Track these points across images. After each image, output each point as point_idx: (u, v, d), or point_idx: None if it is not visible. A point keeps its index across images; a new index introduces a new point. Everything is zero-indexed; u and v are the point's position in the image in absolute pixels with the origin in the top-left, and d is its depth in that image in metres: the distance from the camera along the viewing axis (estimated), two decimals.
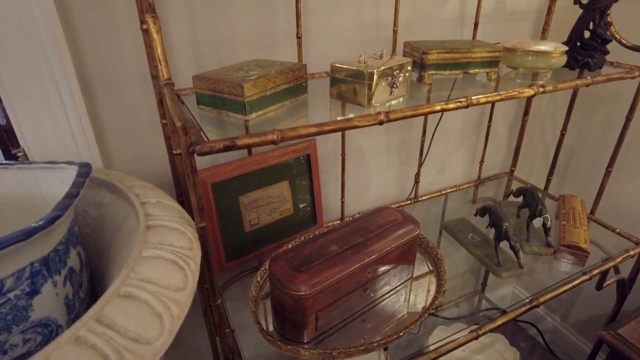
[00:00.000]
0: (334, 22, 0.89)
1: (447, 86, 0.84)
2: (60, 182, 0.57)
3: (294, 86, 0.69)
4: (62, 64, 0.67)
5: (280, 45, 0.85)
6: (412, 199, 1.21)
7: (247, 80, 0.60)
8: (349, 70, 0.67)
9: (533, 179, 1.41)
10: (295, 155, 0.95)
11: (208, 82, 0.62)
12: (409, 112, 0.64)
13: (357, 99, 0.68)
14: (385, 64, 0.69)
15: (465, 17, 1.04)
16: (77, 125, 0.73)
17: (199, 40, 0.78)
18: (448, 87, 0.84)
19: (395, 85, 0.69)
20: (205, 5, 0.75)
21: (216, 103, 0.63)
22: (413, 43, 0.84)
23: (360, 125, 0.60)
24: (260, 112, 0.63)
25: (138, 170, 0.83)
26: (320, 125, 0.57)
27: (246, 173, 0.88)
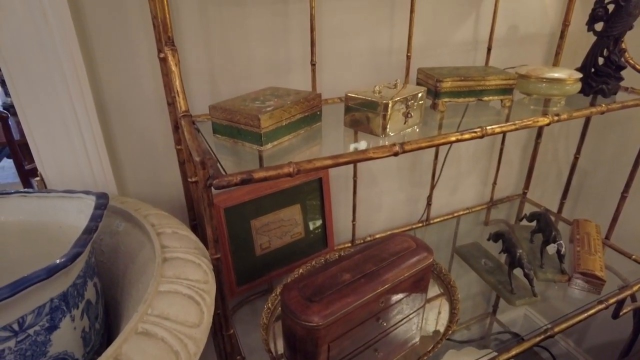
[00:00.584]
0: (347, 48, 0.89)
1: (460, 111, 0.84)
2: (77, 211, 0.57)
3: (308, 115, 0.69)
4: (81, 91, 0.69)
5: (295, 71, 0.86)
6: (424, 221, 1.20)
7: (263, 112, 0.60)
8: (364, 100, 0.67)
9: (545, 201, 1.39)
10: (308, 179, 0.95)
11: (225, 113, 0.63)
12: (423, 143, 0.64)
13: (372, 128, 0.68)
14: (399, 93, 0.69)
15: (478, 42, 1.05)
16: (93, 152, 0.74)
17: (215, 68, 0.79)
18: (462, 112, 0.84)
19: (410, 115, 0.69)
20: (222, 34, 0.76)
21: (232, 133, 0.64)
22: (427, 70, 0.84)
23: (375, 157, 0.60)
24: (275, 142, 0.64)
25: (151, 194, 0.84)
26: (336, 158, 0.57)
27: (258, 197, 0.88)
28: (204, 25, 0.75)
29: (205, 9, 0.74)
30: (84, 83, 0.68)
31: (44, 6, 0.62)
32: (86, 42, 0.68)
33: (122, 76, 0.73)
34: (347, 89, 0.92)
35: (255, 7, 0.77)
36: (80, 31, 0.67)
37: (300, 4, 0.80)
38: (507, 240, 0.96)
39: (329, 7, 0.83)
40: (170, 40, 0.56)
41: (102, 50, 0.70)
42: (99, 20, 0.67)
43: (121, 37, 0.70)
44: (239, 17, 0.77)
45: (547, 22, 1.14)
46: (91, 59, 0.69)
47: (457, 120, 0.82)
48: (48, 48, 0.64)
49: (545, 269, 0.99)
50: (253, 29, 0.79)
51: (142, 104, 0.76)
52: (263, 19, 0.79)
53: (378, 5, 0.89)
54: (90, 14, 0.67)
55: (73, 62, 0.66)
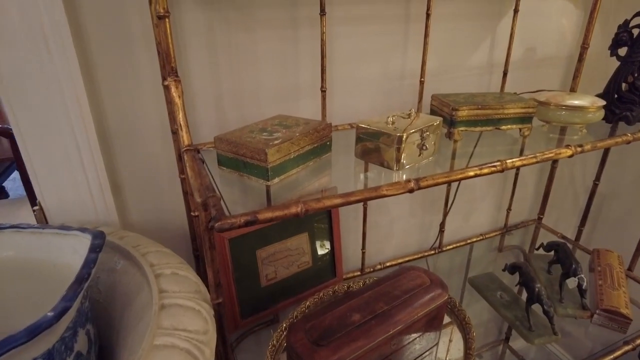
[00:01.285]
0: (358, 73, 0.86)
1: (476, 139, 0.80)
2: (72, 251, 0.54)
3: (318, 146, 0.66)
4: (82, 119, 0.66)
5: (304, 97, 0.83)
6: (437, 248, 1.16)
7: (270, 146, 0.57)
8: (377, 132, 0.64)
9: (561, 227, 1.34)
10: None
11: (230, 145, 0.60)
12: (440, 178, 0.60)
13: (384, 160, 0.65)
14: (414, 124, 0.65)
15: (493, 65, 1.01)
16: (94, 180, 0.71)
17: (222, 94, 0.76)
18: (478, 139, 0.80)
19: (425, 147, 0.66)
20: (229, 59, 0.74)
21: (238, 166, 0.61)
22: (441, 97, 0.81)
23: (389, 194, 0.57)
24: (283, 175, 0.60)
25: (155, 222, 0.81)
26: (346, 196, 0.54)
27: (265, 227, 0.84)
28: (212, 50, 0.73)
29: (213, 34, 0.72)
30: (85, 111, 0.66)
31: (46, 36, 0.60)
32: (89, 69, 0.66)
33: (125, 103, 0.70)
34: (358, 114, 0.90)
35: (265, 32, 0.75)
36: (83, 58, 0.64)
37: (310, 30, 0.78)
38: (524, 273, 0.91)
39: (340, 32, 0.81)
40: (174, 71, 0.54)
41: (106, 77, 0.67)
42: (103, 47, 0.65)
43: (125, 64, 0.67)
44: (247, 43, 0.74)
45: (565, 44, 1.10)
46: (94, 85, 0.67)
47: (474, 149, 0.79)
48: (49, 76, 0.62)
49: (565, 303, 0.94)
50: (262, 55, 0.76)
51: (145, 131, 0.73)
52: (272, 45, 0.76)
53: (391, 31, 0.86)
54: (94, 41, 0.64)
55: (74, 89, 0.64)
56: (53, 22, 0.59)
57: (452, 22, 0.92)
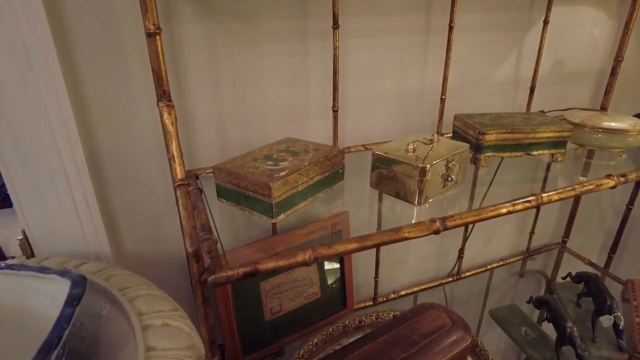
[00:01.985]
0: (373, 90, 0.79)
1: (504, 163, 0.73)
2: (50, 297, 0.48)
3: (329, 175, 0.59)
4: (70, 142, 0.60)
5: (314, 117, 0.76)
6: (455, 275, 1.08)
7: (275, 178, 0.50)
8: (396, 162, 0.56)
9: (587, 250, 1.26)
10: (325, 232, 0.84)
11: (230, 176, 0.53)
12: (469, 217, 0.53)
13: (404, 194, 0.58)
14: (437, 151, 0.58)
15: (519, 81, 0.93)
16: (83, 208, 0.65)
17: (224, 113, 0.69)
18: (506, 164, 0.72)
19: (450, 178, 0.58)
20: (233, 76, 0.67)
21: (239, 199, 0.54)
22: (465, 117, 0.73)
23: (411, 237, 0.49)
24: (289, 211, 0.54)
25: (151, 252, 0.74)
26: (362, 240, 0.47)
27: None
28: (213, 65, 0.66)
29: (215, 48, 0.65)
30: (72, 131, 0.60)
31: (27, 50, 0.54)
32: (77, 86, 0.59)
33: (118, 124, 0.64)
34: (373, 135, 0.83)
35: (271, 46, 0.68)
36: (70, 74, 0.58)
37: (321, 43, 0.71)
38: (553, 309, 0.83)
39: (353, 46, 0.74)
40: (166, 95, 0.47)
41: (96, 94, 0.61)
42: (93, 62, 0.59)
43: (118, 80, 0.61)
44: (252, 58, 0.68)
45: (597, 57, 1.02)
46: (82, 103, 0.61)
47: (501, 176, 0.71)
48: (31, 93, 0.56)
49: (599, 343, 0.86)
50: (268, 70, 0.70)
51: (140, 153, 0.67)
52: (280, 59, 0.70)
53: (410, 44, 0.79)
54: (83, 56, 0.58)
55: (60, 108, 0.58)
56: (35, 35, 0.53)
57: (475, 34, 0.84)
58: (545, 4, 0.84)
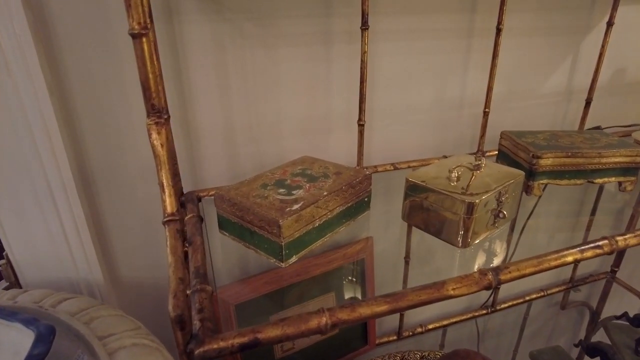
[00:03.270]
0: (404, 101, 0.69)
1: (556, 191, 0.62)
2: (12, 351, 0.40)
3: (352, 205, 0.49)
4: (54, 154, 0.53)
5: (335, 130, 0.66)
6: (489, 307, 0.96)
7: (286, 214, 0.41)
8: (436, 193, 0.46)
9: (637, 281, 1.12)
10: (346, 262, 0.74)
11: (234, 208, 0.44)
12: (528, 268, 0.42)
13: (445, 232, 0.47)
14: (485, 181, 0.48)
15: (573, 92, 0.82)
16: (71, 229, 0.58)
17: (233, 126, 0.60)
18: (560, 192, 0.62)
19: (502, 215, 0.48)
20: (244, 83, 0.58)
21: (243, 235, 0.45)
22: (515, 135, 0.62)
23: (457, 295, 0.39)
24: (303, 252, 0.44)
25: (148, 279, 0.66)
26: (394, 300, 0.37)
27: (281, 288, 0.68)
28: (221, 71, 0.57)
29: (223, 51, 0.56)
30: (57, 145, 0.52)
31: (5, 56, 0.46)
32: (63, 97, 0.51)
33: (111, 137, 0.56)
34: (403, 152, 0.72)
35: (289, 49, 0.59)
36: (56, 80, 0.50)
37: (347, 46, 0.61)
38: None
39: (384, 50, 0.64)
40: (155, 110, 0.38)
41: (86, 106, 0.53)
42: (81, 70, 0.51)
43: (111, 90, 0.53)
44: (267, 62, 0.59)
45: None
46: (70, 117, 0.53)
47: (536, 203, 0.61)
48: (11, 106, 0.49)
49: None
50: (285, 77, 0.60)
51: (136, 170, 0.59)
52: (298, 65, 0.60)
53: (449, 49, 0.68)
54: (69, 62, 0.50)
55: (43, 119, 0.50)
56: (12, 35, 0.46)
57: (525, 37, 0.73)
58: (609, 3, 0.72)
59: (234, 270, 0.67)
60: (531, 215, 0.67)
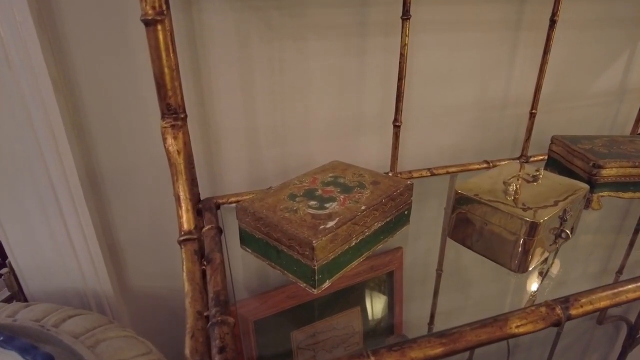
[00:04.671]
0: (443, 99, 0.63)
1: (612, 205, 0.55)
2: None
3: (392, 220, 0.43)
4: (59, 156, 0.48)
5: (367, 132, 0.60)
6: None
7: (320, 233, 0.35)
8: (491, 209, 0.40)
9: None
10: (374, 274, 0.68)
11: (259, 223, 0.38)
12: (603, 300, 0.36)
13: (498, 253, 0.41)
14: (545, 194, 0.41)
15: (627, 91, 0.74)
16: (78, 237, 0.53)
17: (257, 127, 0.55)
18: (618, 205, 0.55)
19: (564, 235, 0.41)
20: (270, 80, 0.53)
21: (269, 253, 0.39)
22: (569, 141, 0.56)
23: (520, 333, 0.33)
24: (336, 276, 0.38)
25: (160, 289, 0.61)
26: (450, 341, 0.31)
27: (303, 303, 0.63)
28: (245, 65, 0.52)
29: (248, 44, 0.51)
30: (63, 147, 0.47)
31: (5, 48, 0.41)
32: (70, 94, 0.46)
33: (122, 137, 0.51)
34: (439, 155, 0.66)
35: (320, 42, 0.53)
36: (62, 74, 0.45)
37: (384, 39, 0.55)
38: None
39: (424, 43, 0.58)
40: (171, 110, 0.33)
41: (95, 103, 0.48)
42: (90, 64, 0.46)
43: (122, 85, 0.48)
44: (296, 56, 0.53)
45: None
46: (78, 115, 0.48)
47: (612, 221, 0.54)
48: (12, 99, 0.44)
49: None
50: (315, 73, 0.55)
51: (149, 173, 0.53)
52: (330, 60, 0.54)
53: (494, 42, 0.61)
54: (76, 55, 0.45)
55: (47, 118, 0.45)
56: (12, 24, 0.40)
57: (577, 30, 0.66)
58: None
59: (252, 282, 0.62)
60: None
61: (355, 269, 0.65)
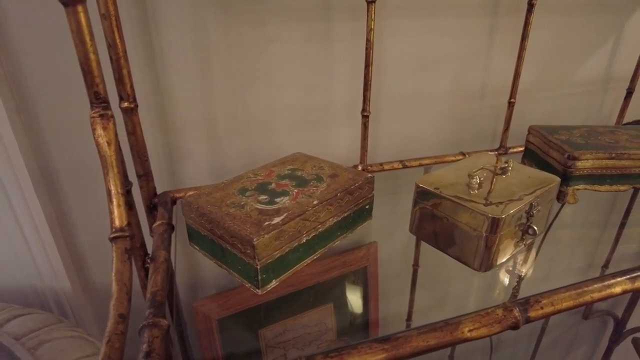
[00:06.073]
0: (417, 89, 0.60)
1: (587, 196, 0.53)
2: None
3: (350, 215, 0.41)
4: (2, 144, 0.45)
5: (337, 122, 0.58)
6: None
7: (263, 230, 0.33)
8: (452, 204, 0.38)
9: None
10: (346, 270, 0.66)
11: (202, 219, 0.36)
12: (566, 301, 0.34)
13: (461, 251, 0.39)
14: (512, 188, 0.39)
15: (612, 80, 0.71)
16: (30, 231, 0.51)
17: (217, 117, 0.52)
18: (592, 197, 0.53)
19: (532, 231, 0.39)
20: (229, 67, 0.50)
21: (215, 252, 0.37)
22: (546, 131, 0.53)
23: (473, 338, 0.31)
24: (285, 274, 0.36)
25: None
26: (393, 347, 0.29)
27: (270, 300, 0.60)
28: (203, 51, 0.49)
29: (205, 28, 0.48)
30: (5, 133, 0.44)
31: None
32: (17, 86, 0.44)
33: (75, 134, 0.48)
34: (414, 147, 0.64)
35: (283, 26, 0.50)
36: (6, 66, 0.43)
37: (352, 24, 0.52)
38: None
39: (395, 28, 0.55)
40: (100, 99, 0.30)
41: (44, 98, 0.45)
42: (37, 54, 0.43)
43: (72, 82, 0.45)
44: (257, 42, 0.50)
45: None
46: (26, 109, 0.45)
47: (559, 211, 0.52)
48: None
49: None
50: (278, 61, 0.52)
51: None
52: (294, 46, 0.52)
53: (471, 28, 0.58)
54: (22, 42, 0.42)
55: None
56: None
57: (559, 16, 0.63)
58: None
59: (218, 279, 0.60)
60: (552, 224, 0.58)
61: (326, 265, 0.63)
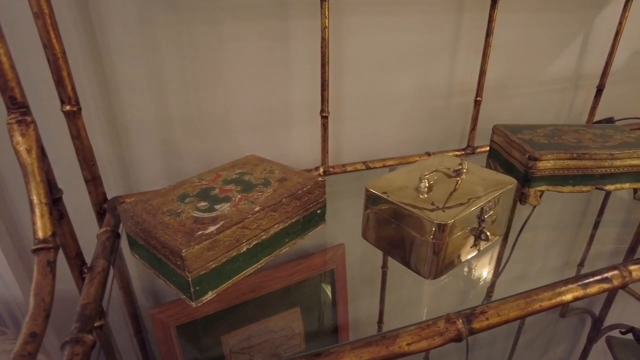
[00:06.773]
0: (381, 88, 0.59)
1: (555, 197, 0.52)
2: None
3: (299, 221, 0.39)
4: None
5: (297, 122, 0.56)
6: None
7: (194, 241, 0.31)
8: (399, 209, 0.36)
9: None
10: (313, 273, 0.65)
11: (137, 228, 0.34)
12: (513, 312, 0.33)
13: (411, 259, 0.37)
14: (465, 191, 0.37)
15: (582, 77, 0.70)
16: None
17: (170, 118, 0.50)
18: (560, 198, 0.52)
19: (484, 237, 0.38)
20: (181, 70, 0.48)
21: (151, 261, 0.35)
22: (509, 131, 0.52)
23: (412, 352, 0.30)
24: (222, 286, 0.34)
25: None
26: None
27: (233, 306, 0.59)
28: (151, 51, 0.47)
29: (152, 26, 0.46)
30: None
31: None
32: None
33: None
34: (380, 148, 0.62)
35: (238, 24, 0.48)
36: None
37: (310, 22, 0.50)
38: None
39: (355, 26, 0.53)
40: (17, 104, 0.28)
41: None
42: None
43: None
44: (209, 40, 0.48)
45: None
46: None
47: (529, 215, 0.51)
48: None
49: None
50: (233, 59, 0.50)
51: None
52: (249, 44, 0.50)
53: (435, 25, 0.57)
54: None
55: None
56: None
57: (526, 12, 0.62)
58: None
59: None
60: (523, 229, 0.57)
61: (291, 268, 0.61)
